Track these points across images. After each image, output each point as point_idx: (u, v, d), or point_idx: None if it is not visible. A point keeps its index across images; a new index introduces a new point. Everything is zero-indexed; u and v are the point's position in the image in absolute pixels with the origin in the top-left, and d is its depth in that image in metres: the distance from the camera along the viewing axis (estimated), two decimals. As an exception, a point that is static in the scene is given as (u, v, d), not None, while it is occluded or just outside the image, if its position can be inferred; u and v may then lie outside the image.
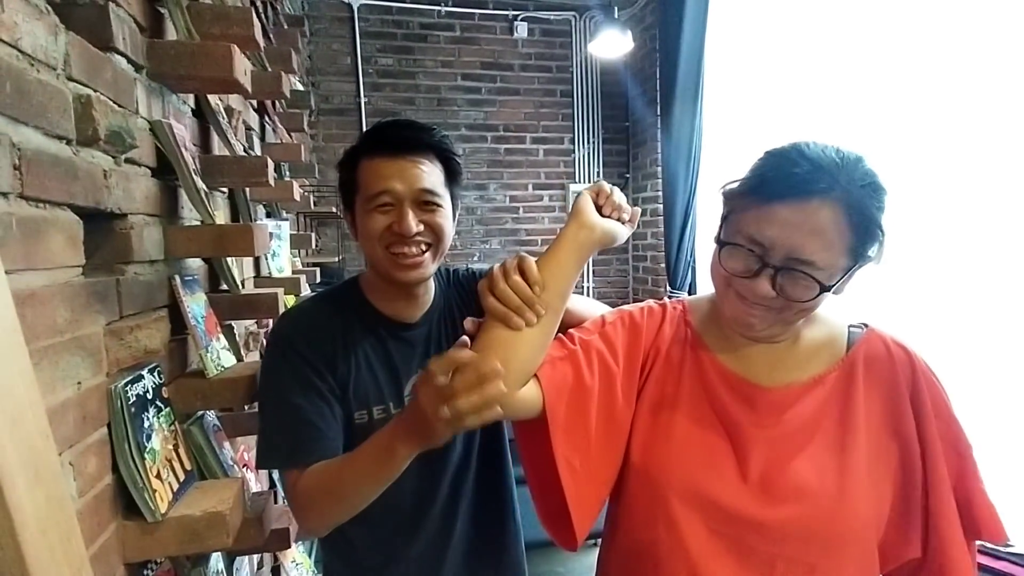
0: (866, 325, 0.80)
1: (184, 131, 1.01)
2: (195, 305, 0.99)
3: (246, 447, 1.31)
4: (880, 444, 0.74)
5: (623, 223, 0.83)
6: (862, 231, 0.67)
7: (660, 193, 3.38)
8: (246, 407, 1.10)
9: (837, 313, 0.82)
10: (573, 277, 0.79)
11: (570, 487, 0.75)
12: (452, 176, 0.92)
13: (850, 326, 0.80)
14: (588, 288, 3.90)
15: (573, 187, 3.81)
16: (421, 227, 0.87)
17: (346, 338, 0.91)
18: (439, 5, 3.55)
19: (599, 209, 0.81)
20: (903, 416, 0.74)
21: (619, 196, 0.83)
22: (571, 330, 0.84)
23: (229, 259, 1.22)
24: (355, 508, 0.82)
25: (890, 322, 0.82)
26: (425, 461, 0.82)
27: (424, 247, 0.89)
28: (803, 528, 0.71)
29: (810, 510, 0.71)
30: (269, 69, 1.64)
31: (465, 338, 0.77)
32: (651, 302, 0.89)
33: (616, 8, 3.58)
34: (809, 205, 0.65)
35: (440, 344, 0.98)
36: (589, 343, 0.81)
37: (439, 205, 0.89)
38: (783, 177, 0.67)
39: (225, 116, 1.29)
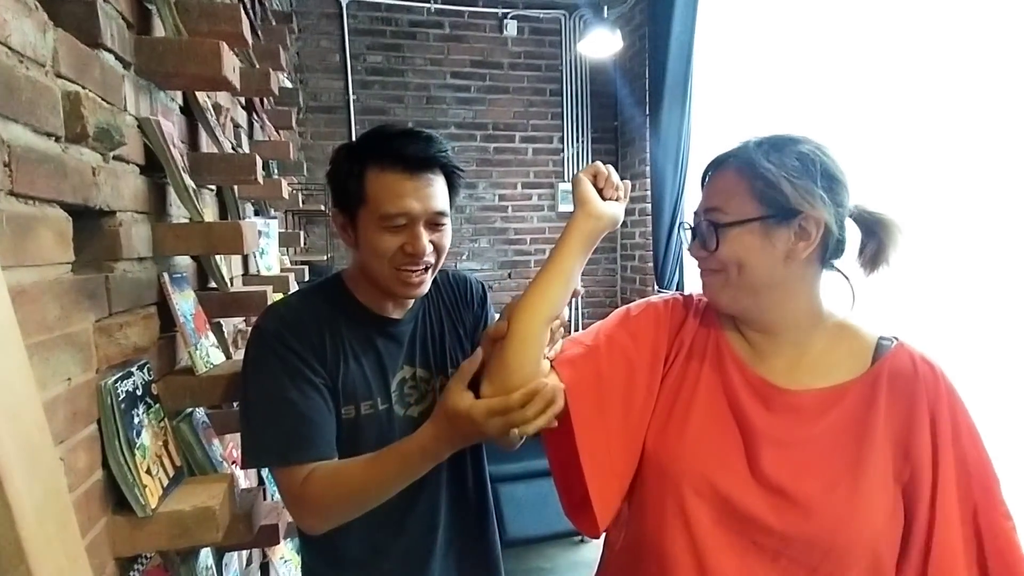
0: (896, 338, 0.78)
1: (172, 128, 1.01)
2: (184, 302, 0.99)
3: (235, 443, 1.31)
4: (895, 464, 0.72)
5: (618, 201, 0.85)
6: (759, 179, 0.74)
7: (648, 192, 3.41)
8: (235, 404, 1.10)
9: (870, 322, 0.80)
10: (581, 263, 0.81)
11: (593, 481, 0.78)
12: (453, 189, 0.93)
13: (881, 337, 0.78)
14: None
15: (562, 186, 3.82)
16: (431, 247, 0.88)
17: (334, 333, 0.91)
18: (428, 2, 3.55)
19: (600, 192, 0.82)
20: (919, 440, 0.72)
21: (615, 176, 0.84)
22: (595, 325, 0.87)
23: (218, 257, 1.22)
24: (366, 510, 0.85)
25: (918, 323, 0.81)
26: None
27: (428, 264, 0.90)
28: (806, 537, 0.71)
29: (816, 522, 0.71)
30: (257, 66, 1.64)
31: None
32: (678, 295, 0.91)
33: (606, 7, 3.60)
34: (719, 173, 0.80)
35: (425, 341, 0.99)
36: (612, 337, 0.84)
37: (446, 224, 0.91)
38: (712, 162, 0.83)
39: (213, 113, 1.29)
